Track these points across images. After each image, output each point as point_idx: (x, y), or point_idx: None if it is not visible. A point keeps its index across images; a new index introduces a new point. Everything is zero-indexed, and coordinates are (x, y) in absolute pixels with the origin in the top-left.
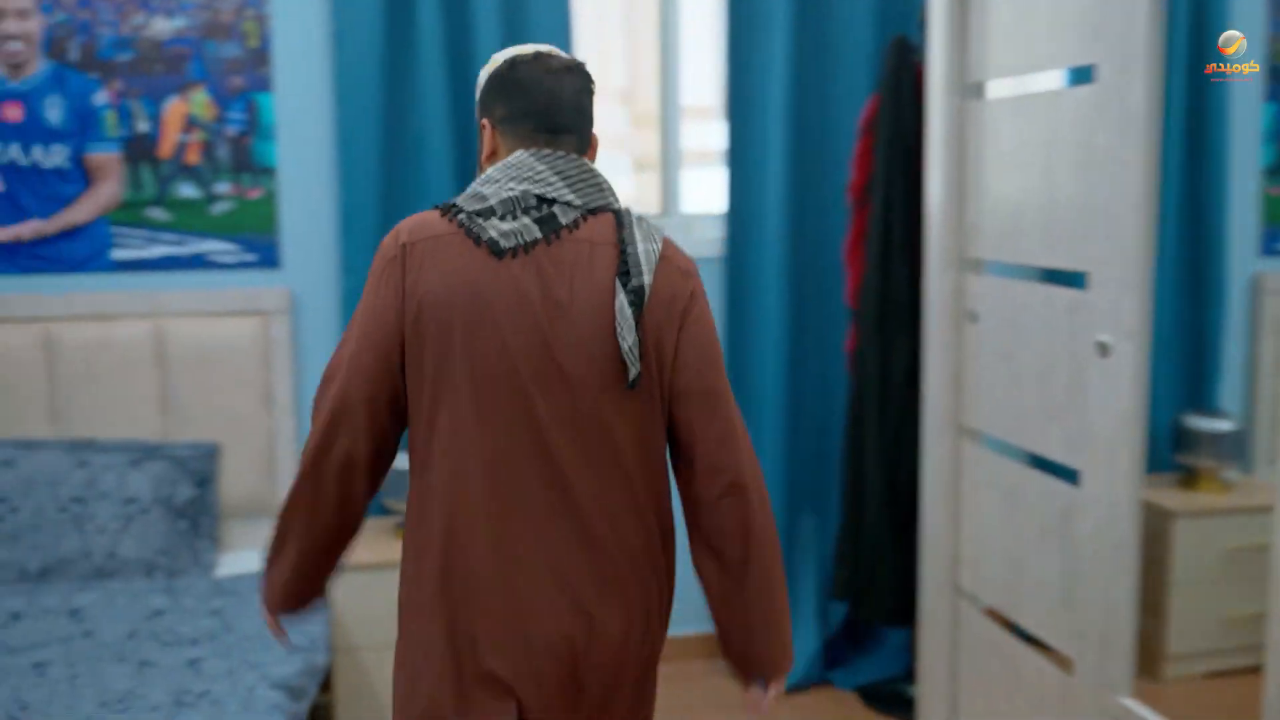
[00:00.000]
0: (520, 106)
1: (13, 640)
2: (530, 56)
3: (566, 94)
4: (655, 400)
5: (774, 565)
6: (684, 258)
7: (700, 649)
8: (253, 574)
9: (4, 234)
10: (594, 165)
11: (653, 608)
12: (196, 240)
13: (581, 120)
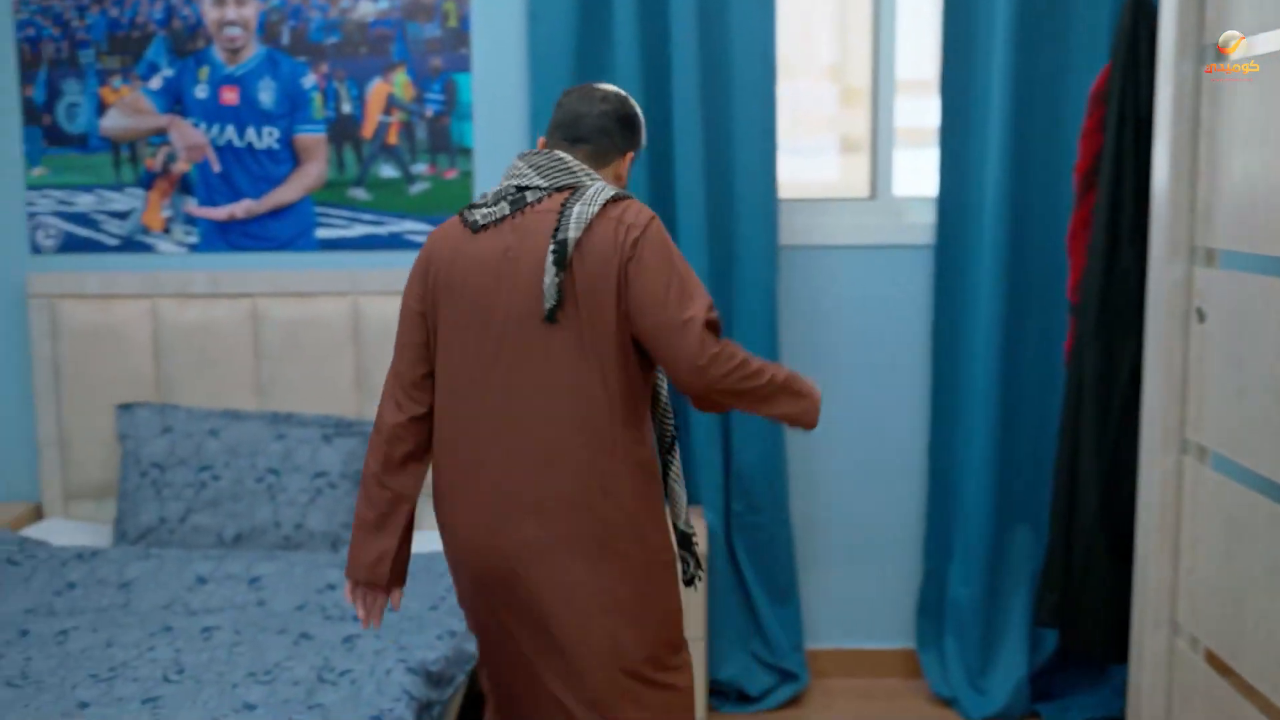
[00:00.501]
0: (555, 121)
1: (194, 603)
2: (580, 87)
3: (591, 114)
4: (582, 333)
5: (750, 393)
6: (635, 214)
7: (897, 665)
8: (430, 554)
9: (219, 213)
10: (567, 157)
11: (574, 500)
12: (395, 220)
13: (600, 136)
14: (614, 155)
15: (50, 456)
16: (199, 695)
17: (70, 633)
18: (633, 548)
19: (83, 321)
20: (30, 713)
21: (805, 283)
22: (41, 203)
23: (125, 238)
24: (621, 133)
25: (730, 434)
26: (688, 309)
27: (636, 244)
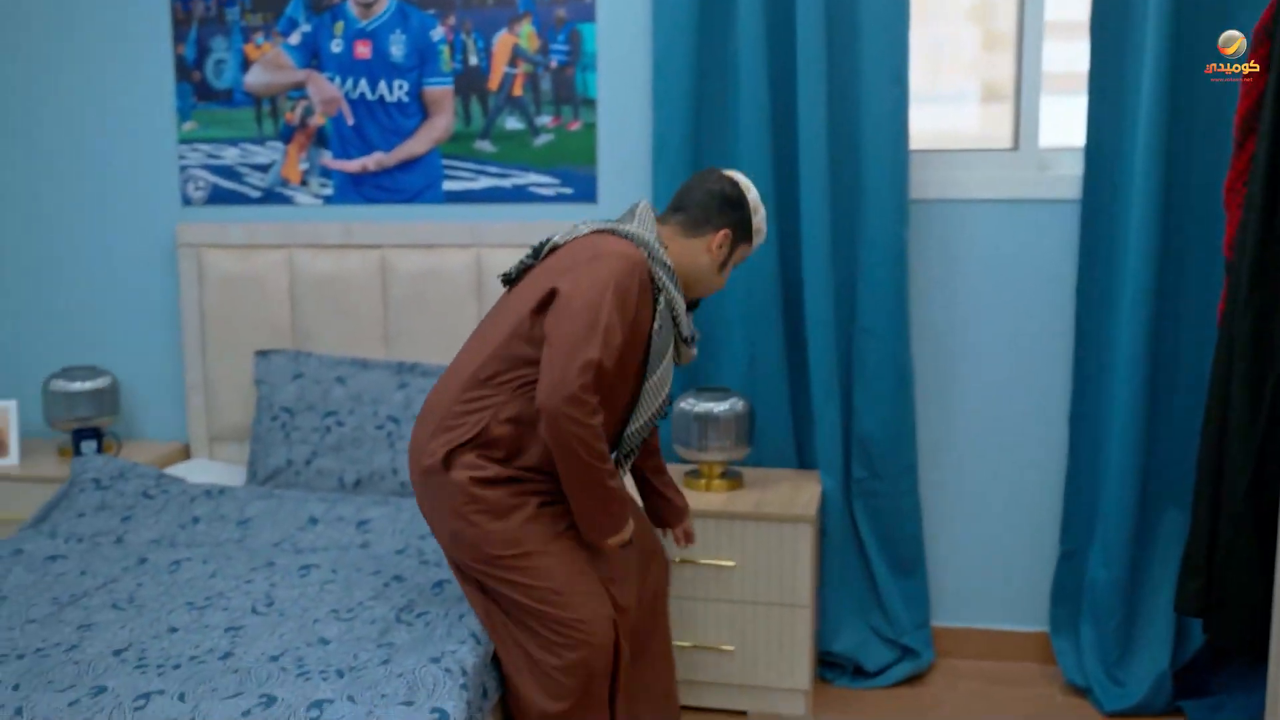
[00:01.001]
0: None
1: (302, 542)
2: (706, 170)
3: (698, 189)
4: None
5: (569, 467)
6: (610, 245)
7: (1028, 649)
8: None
9: (352, 165)
10: (638, 218)
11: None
12: (519, 173)
13: (697, 208)
14: (707, 229)
15: (196, 400)
16: (279, 627)
17: (183, 563)
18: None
19: (226, 270)
20: (125, 633)
21: (939, 240)
22: (191, 156)
23: (266, 190)
24: (720, 210)
25: (851, 395)
26: (593, 345)
27: (591, 262)
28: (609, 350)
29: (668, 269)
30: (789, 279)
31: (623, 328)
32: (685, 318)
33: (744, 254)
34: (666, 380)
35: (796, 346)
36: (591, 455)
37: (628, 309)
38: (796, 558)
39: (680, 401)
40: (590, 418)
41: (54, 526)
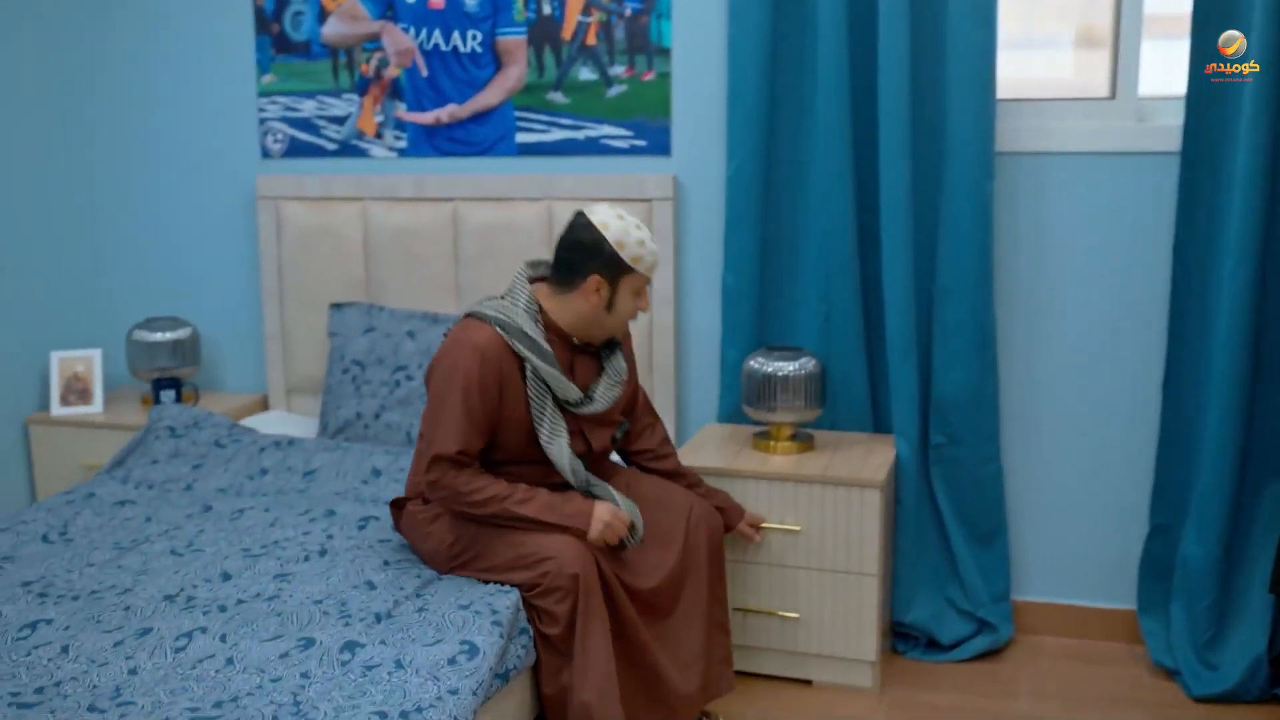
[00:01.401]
0: None
1: (365, 494)
2: (571, 218)
3: (560, 244)
4: None
5: (468, 515)
6: (464, 334)
7: (1113, 628)
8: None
9: (426, 117)
10: (505, 289)
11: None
12: (592, 125)
13: (562, 265)
14: (576, 281)
15: (274, 351)
16: (329, 574)
17: (245, 512)
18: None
19: (303, 223)
20: (178, 578)
21: (1028, 194)
22: (270, 109)
23: (342, 142)
24: (583, 259)
25: (931, 356)
26: (441, 439)
27: (443, 358)
28: (465, 435)
29: (529, 340)
30: (867, 234)
31: (484, 410)
32: (560, 382)
33: (639, 283)
34: (557, 433)
35: (874, 304)
36: (470, 505)
37: (487, 390)
38: (865, 525)
39: (750, 360)
40: (449, 486)
41: (128, 472)
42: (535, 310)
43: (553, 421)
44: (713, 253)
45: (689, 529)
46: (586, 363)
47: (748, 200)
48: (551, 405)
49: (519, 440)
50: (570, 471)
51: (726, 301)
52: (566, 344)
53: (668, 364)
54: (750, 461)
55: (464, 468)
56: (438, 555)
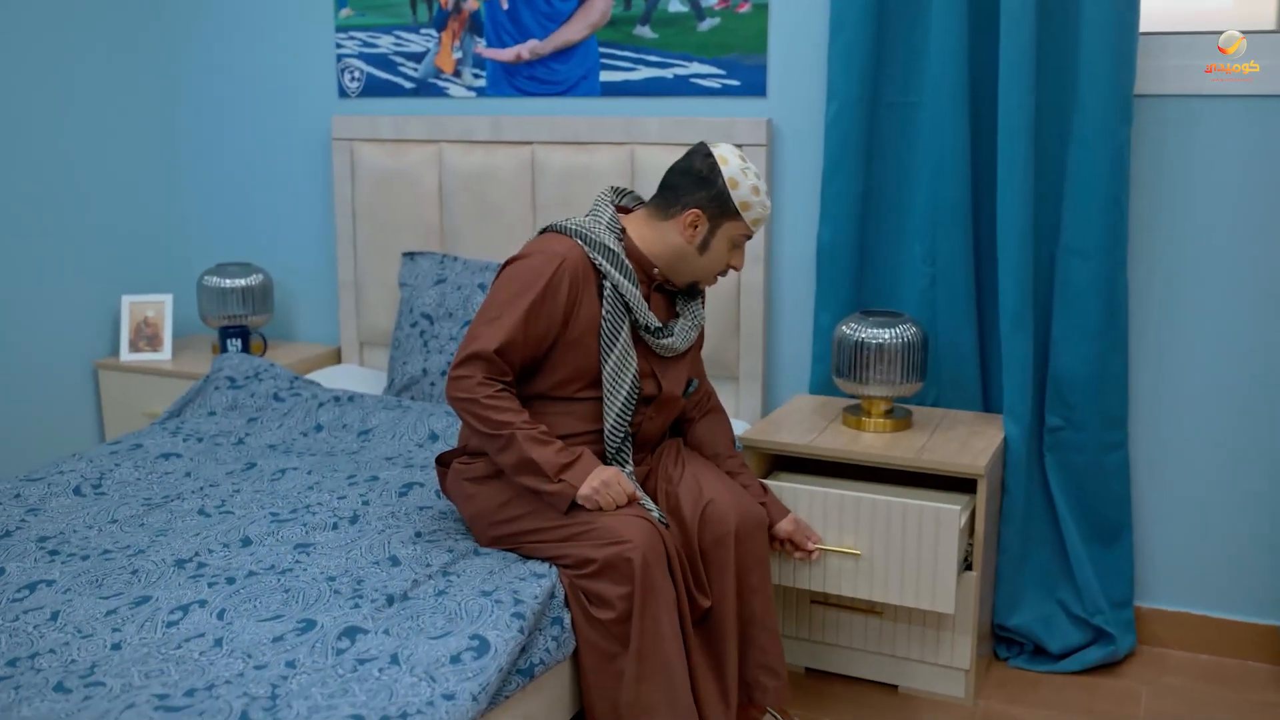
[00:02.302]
0: None
1: (417, 458)
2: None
3: (671, 169)
4: None
5: (474, 434)
6: (541, 244)
7: (1253, 644)
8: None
9: (506, 54)
10: (598, 209)
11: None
12: (681, 62)
13: (668, 189)
14: (675, 210)
15: (347, 301)
16: (354, 545)
17: (287, 472)
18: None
19: (377, 166)
20: (196, 540)
21: (1172, 143)
22: (348, 44)
23: (420, 80)
24: (690, 188)
25: (1050, 326)
26: (486, 337)
27: (513, 264)
28: (511, 340)
29: (612, 255)
30: (981, 183)
31: (545, 322)
32: (642, 305)
33: (738, 232)
34: (626, 367)
35: (986, 265)
36: (481, 421)
37: (552, 301)
38: (964, 511)
39: (843, 325)
40: (471, 391)
41: (181, 423)
42: (619, 230)
43: (624, 353)
44: (808, 205)
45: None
46: (662, 302)
47: (847, 146)
48: (626, 334)
49: (576, 371)
50: (618, 414)
51: (821, 259)
52: (646, 275)
53: (756, 327)
54: (837, 438)
55: (497, 377)
56: (480, 520)
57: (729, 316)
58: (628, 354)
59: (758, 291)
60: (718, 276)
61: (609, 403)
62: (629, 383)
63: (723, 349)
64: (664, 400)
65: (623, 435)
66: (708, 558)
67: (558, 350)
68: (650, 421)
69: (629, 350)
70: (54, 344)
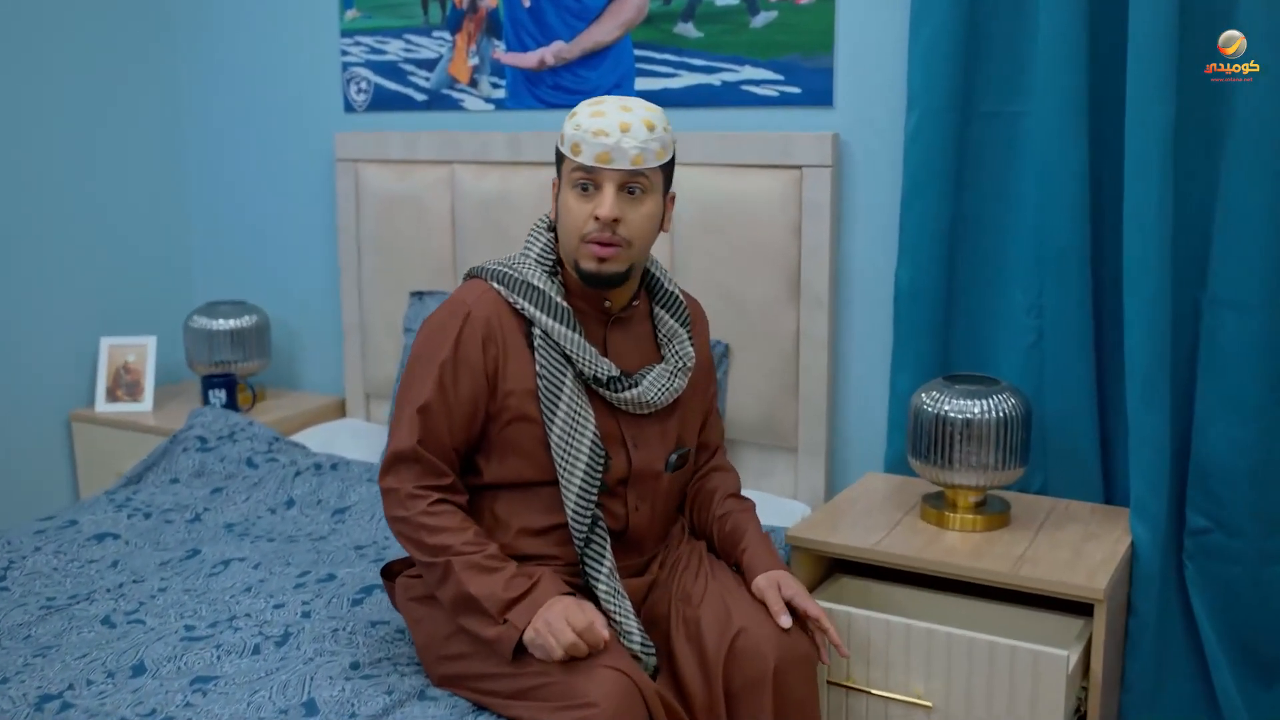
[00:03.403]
0: None
1: (391, 549)
2: None
3: None
4: None
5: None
6: (450, 298)
7: None
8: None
9: (528, 59)
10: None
11: None
12: (731, 66)
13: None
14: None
15: (352, 346)
16: (269, 681)
17: (231, 565)
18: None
19: (384, 190)
20: (81, 665)
21: None
22: (354, 51)
23: (432, 91)
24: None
25: (1192, 395)
26: (400, 432)
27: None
28: (431, 426)
29: (537, 294)
30: (1104, 213)
31: (463, 389)
32: (584, 349)
33: (575, 175)
34: (578, 431)
35: (1110, 318)
36: (416, 547)
37: (466, 364)
38: (1074, 650)
39: (922, 394)
40: (403, 506)
41: (135, 492)
42: (552, 260)
43: (572, 414)
44: (883, 239)
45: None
46: (629, 343)
47: (932, 167)
48: (573, 386)
49: (527, 448)
50: (578, 497)
51: (899, 308)
52: (599, 311)
53: (819, 389)
54: (911, 539)
55: (432, 482)
56: (428, 652)
57: (786, 375)
58: (577, 414)
59: (821, 345)
60: (586, 244)
61: (565, 481)
62: (587, 451)
63: (778, 415)
64: (639, 476)
65: (589, 523)
66: (737, 705)
67: (497, 425)
68: (638, 512)
69: (579, 409)
70: (23, 392)
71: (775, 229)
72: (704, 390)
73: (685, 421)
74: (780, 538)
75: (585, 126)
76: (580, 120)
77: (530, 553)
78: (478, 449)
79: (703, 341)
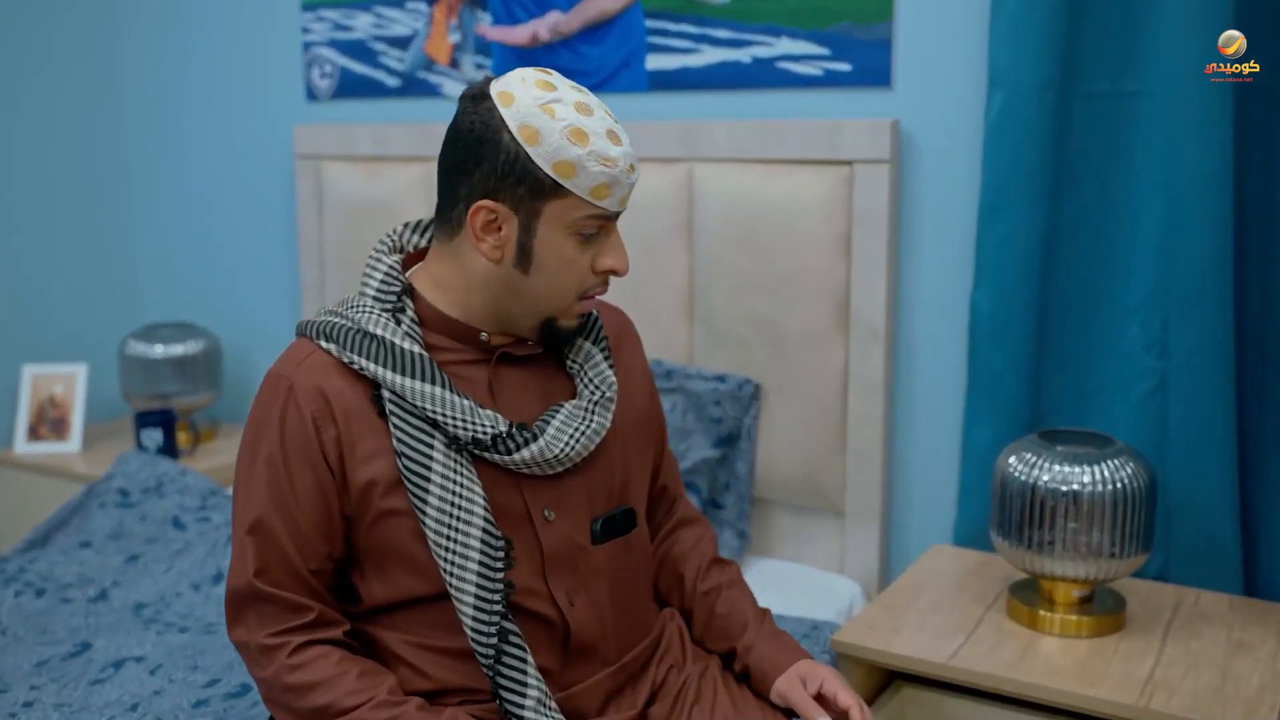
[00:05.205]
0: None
1: None
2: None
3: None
4: None
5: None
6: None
7: None
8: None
9: (518, 34)
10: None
11: None
12: (764, 38)
13: (441, 185)
14: (459, 211)
15: None
16: None
17: (125, 667)
18: None
19: (350, 193)
20: None
21: None
22: (316, 28)
23: (406, 75)
24: (466, 164)
25: (1255, 466)
26: (239, 561)
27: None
28: (271, 548)
29: (376, 345)
30: (1249, 227)
31: (304, 494)
32: (450, 403)
33: (578, 214)
34: (462, 513)
35: (1256, 358)
36: (292, 716)
37: (300, 458)
38: None
39: (1011, 457)
40: (258, 660)
41: (34, 559)
42: (396, 292)
43: (449, 492)
44: (956, 256)
45: None
46: (532, 378)
47: (1022, 163)
48: (445, 457)
49: (409, 552)
50: (475, 608)
51: (976, 343)
52: (474, 343)
53: (872, 443)
54: (996, 649)
55: (288, 620)
56: None
57: (832, 423)
58: (457, 494)
59: (876, 389)
60: (586, 298)
61: (456, 590)
62: (478, 542)
63: (822, 471)
64: (558, 558)
65: (493, 642)
66: None
67: (361, 528)
68: (577, 608)
69: (459, 486)
70: None
71: (819, 242)
72: (646, 423)
73: (623, 470)
74: (824, 639)
75: (616, 159)
76: (602, 148)
77: (438, 688)
78: (348, 566)
79: (633, 359)
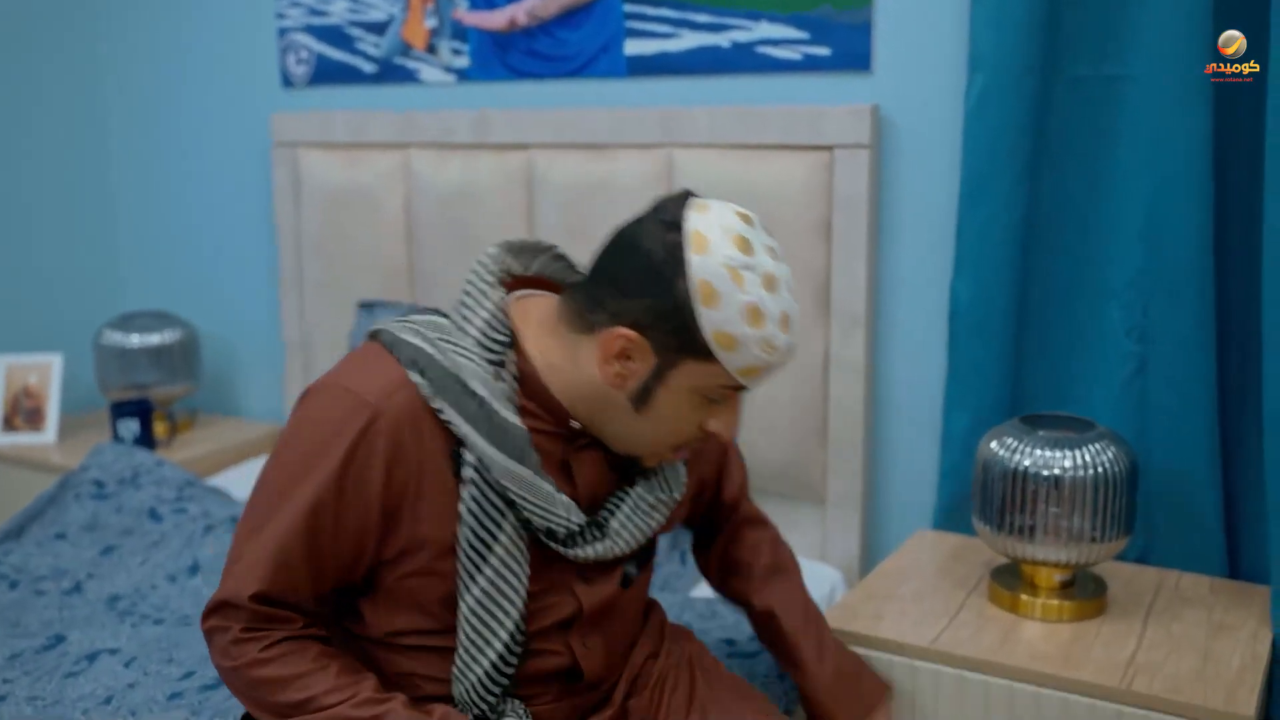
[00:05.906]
0: None
1: None
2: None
3: (609, 249)
4: None
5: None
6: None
7: None
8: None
9: (496, 19)
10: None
11: None
12: (743, 22)
13: (595, 281)
14: (599, 319)
15: (294, 366)
16: None
17: (99, 660)
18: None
19: (329, 181)
20: None
21: None
22: (291, 13)
23: (383, 61)
24: (629, 283)
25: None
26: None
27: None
28: (283, 569)
29: (475, 407)
30: (1230, 210)
31: (345, 533)
32: (542, 493)
33: (714, 382)
34: (503, 600)
35: (1237, 342)
36: (261, 708)
37: (355, 496)
38: None
39: (991, 441)
40: (229, 654)
41: (6, 552)
42: (503, 343)
43: (501, 575)
44: (936, 243)
45: None
46: (597, 462)
47: (1002, 147)
48: (510, 540)
49: (423, 603)
50: (481, 686)
51: (956, 328)
52: (558, 422)
53: (853, 430)
54: (980, 633)
55: (264, 625)
56: None
57: (812, 410)
58: (506, 579)
59: (857, 374)
60: (680, 451)
61: (469, 658)
62: (511, 625)
63: (803, 459)
64: (590, 615)
65: (497, 696)
66: None
67: (392, 574)
68: (589, 651)
69: (510, 572)
70: None
71: (798, 227)
72: (700, 484)
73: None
74: None
75: (779, 349)
76: (771, 335)
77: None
78: (359, 592)
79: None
